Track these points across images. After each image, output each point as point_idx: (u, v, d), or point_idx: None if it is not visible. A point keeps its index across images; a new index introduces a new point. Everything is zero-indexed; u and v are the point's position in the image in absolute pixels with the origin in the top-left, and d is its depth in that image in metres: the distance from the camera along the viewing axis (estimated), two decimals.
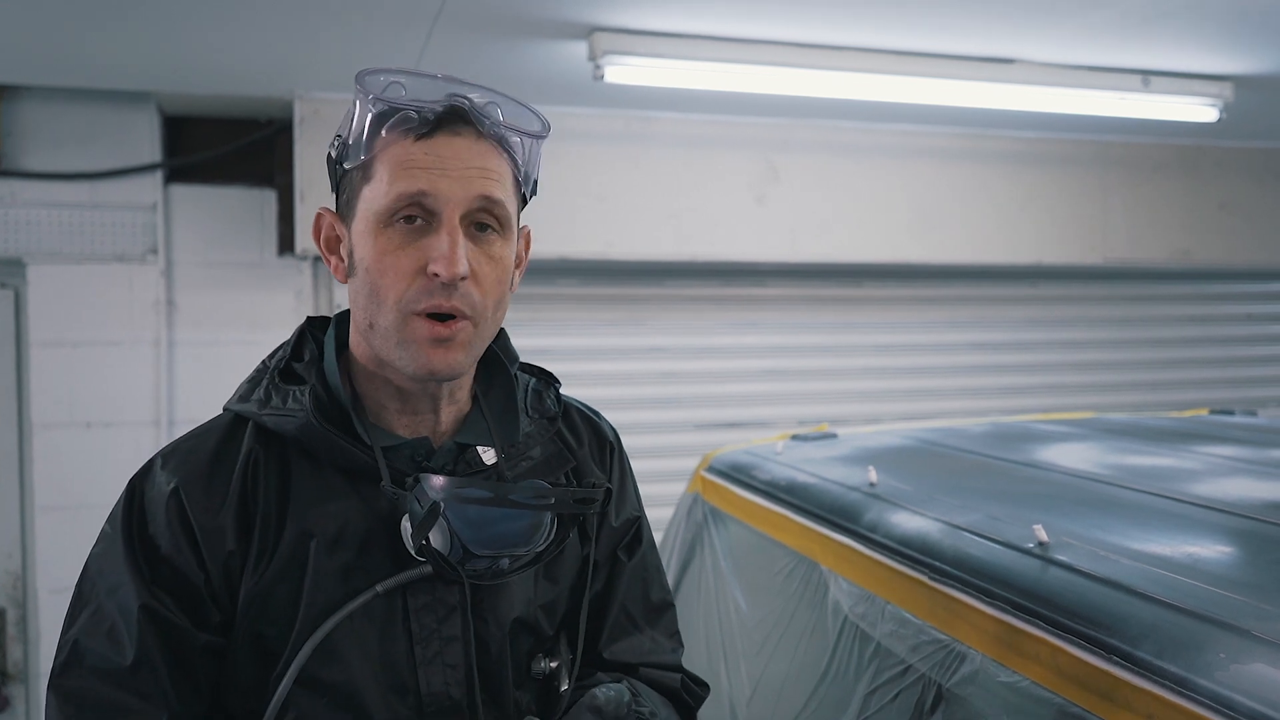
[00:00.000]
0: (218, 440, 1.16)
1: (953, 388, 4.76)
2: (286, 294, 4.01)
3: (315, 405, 1.14)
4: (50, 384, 3.78)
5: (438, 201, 1.09)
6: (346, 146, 1.14)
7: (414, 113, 1.09)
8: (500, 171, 1.13)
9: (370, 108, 1.10)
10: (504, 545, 1.16)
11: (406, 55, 3.28)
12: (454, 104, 1.10)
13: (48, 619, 3.76)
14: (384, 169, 1.10)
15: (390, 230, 1.11)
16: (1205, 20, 3.09)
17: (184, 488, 1.12)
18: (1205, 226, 4.85)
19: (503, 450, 1.23)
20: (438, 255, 1.08)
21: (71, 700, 1.10)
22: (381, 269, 1.10)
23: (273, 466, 1.15)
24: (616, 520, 1.35)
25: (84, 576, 1.15)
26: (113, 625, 1.10)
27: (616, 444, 1.39)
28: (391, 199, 1.09)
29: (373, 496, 1.15)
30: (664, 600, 1.40)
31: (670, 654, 1.37)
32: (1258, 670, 1.07)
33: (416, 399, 1.19)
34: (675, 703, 1.35)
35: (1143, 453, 2.17)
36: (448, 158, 1.09)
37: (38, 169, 3.77)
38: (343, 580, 1.13)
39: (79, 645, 1.11)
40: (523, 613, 1.22)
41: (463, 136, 1.11)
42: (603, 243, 4.06)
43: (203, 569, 1.11)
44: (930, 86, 3.51)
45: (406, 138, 1.09)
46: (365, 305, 1.13)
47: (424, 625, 1.15)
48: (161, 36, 3.09)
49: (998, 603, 1.41)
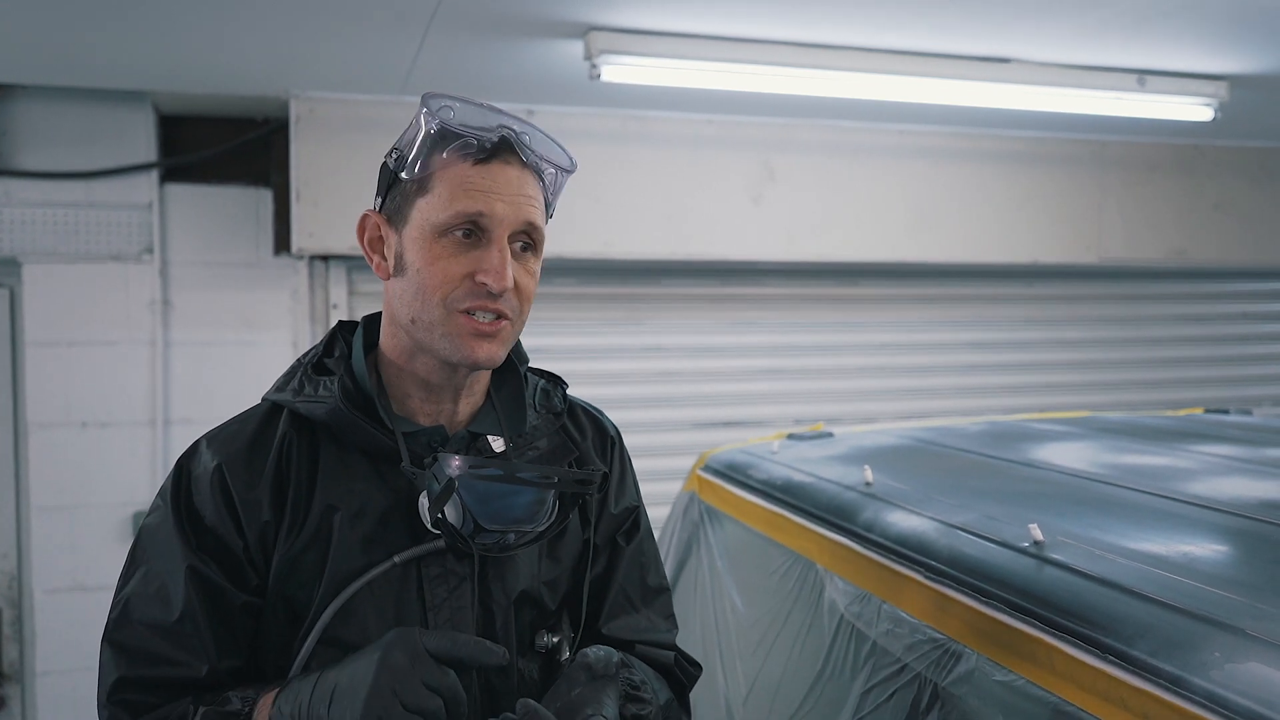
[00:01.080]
0: (257, 425, 1.30)
1: (949, 387, 4.77)
2: (282, 294, 4.01)
3: (343, 393, 1.27)
4: (46, 384, 3.78)
5: (491, 221, 1.23)
6: (405, 160, 1.26)
7: (474, 140, 1.22)
8: (539, 199, 1.28)
9: (433, 129, 1.23)
10: (511, 521, 1.27)
11: (402, 54, 3.28)
12: (506, 134, 1.24)
13: (44, 619, 3.75)
14: (443, 186, 1.23)
15: (445, 240, 1.23)
16: (1201, 20, 3.10)
17: (226, 465, 1.25)
18: (1201, 226, 4.86)
19: (510, 440, 1.36)
20: (489, 268, 1.22)
21: (123, 651, 1.22)
22: (432, 272, 1.23)
23: (304, 448, 1.28)
24: (616, 508, 1.46)
25: (137, 542, 1.28)
26: (161, 585, 1.23)
27: (617, 439, 1.52)
28: (450, 214, 1.22)
29: (393, 477, 1.28)
30: (660, 585, 1.50)
31: (665, 633, 1.47)
32: (1252, 669, 1.07)
33: (440, 390, 1.32)
34: (668, 678, 1.45)
35: (1138, 452, 2.17)
36: (501, 183, 1.23)
37: (33, 168, 3.76)
38: (363, 551, 1.25)
39: (130, 602, 1.24)
40: (528, 586, 1.33)
41: (512, 166, 1.25)
42: (600, 242, 4.06)
43: (242, 537, 1.24)
44: (926, 86, 3.51)
45: (466, 161, 1.23)
46: (411, 301, 1.26)
47: (436, 594, 1.27)
48: (157, 35, 3.09)
49: (993, 602, 1.41)
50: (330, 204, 3.74)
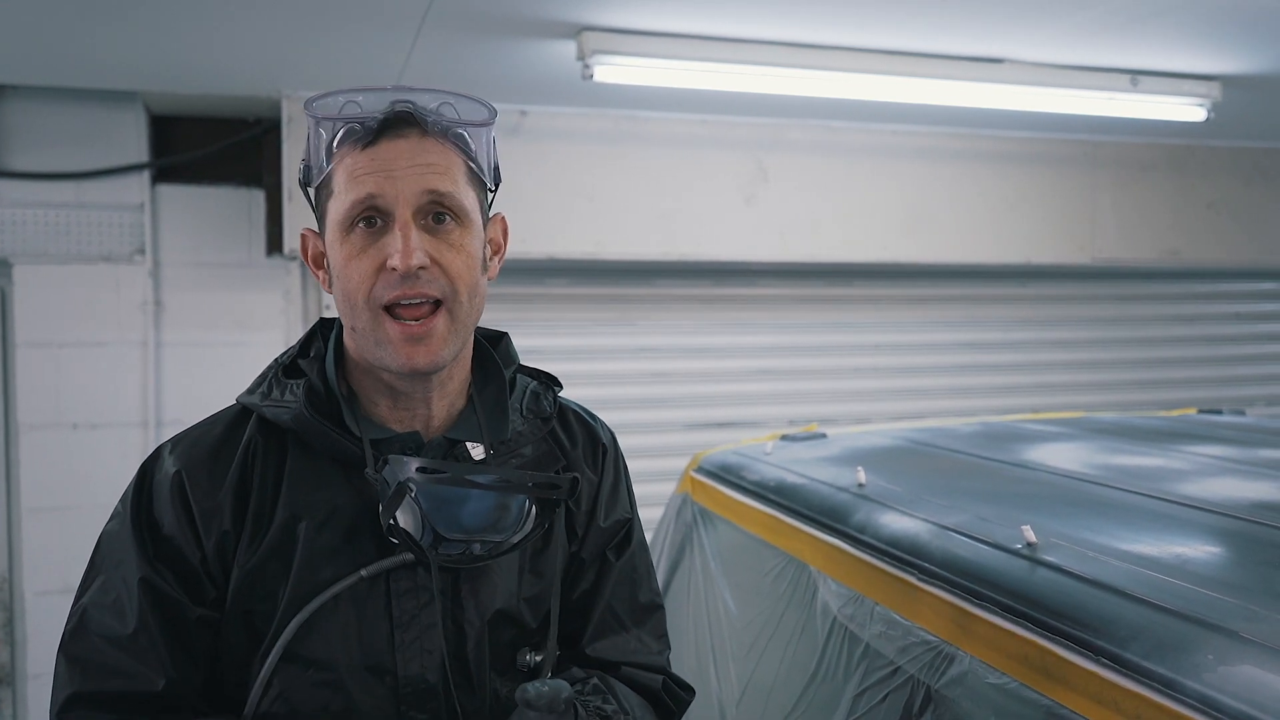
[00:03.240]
0: (224, 429, 1.25)
1: (942, 387, 4.77)
2: (274, 294, 4.00)
3: (308, 397, 1.22)
4: (37, 385, 3.76)
5: (387, 201, 1.16)
6: (309, 169, 1.22)
7: (357, 125, 1.17)
8: (446, 164, 1.19)
9: (320, 129, 1.19)
10: (473, 530, 1.20)
11: (394, 55, 3.27)
12: (395, 110, 1.17)
13: (35, 621, 3.74)
14: (339, 181, 1.18)
15: (352, 235, 1.18)
16: (1193, 20, 3.10)
17: (187, 471, 1.20)
18: (1193, 226, 4.87)
19: (491, 447, 1.27)
20: (392, 250, 1.15)
21: (77, 663, 1.17)
22: (348, 272, 1.17)
23: (271, 454, 1.23)
24: (606, 521, 1.38)
25: (96, 549, 1.23)
26: (117, 596, 1.18)
27: (610, 446, 1.43)
28: (347, 206, 1.17)
29: (363, 486, 1.22)
30: (652, 602, 1.42)
31: (655, 655, 1.39)
32: (1245, 672, 1.07)
33: (407, 395, 1.25)
34: (655, 704, 1.37)
35: (1131, 453, 2.17)
36: (391, 160, 1.16)
37: (23, 168, 3.74)
38: (329, 563, 1.19)
39: (87, 613, 1.19)
40: (505, 604, 1.26)
41: (406, 138, 1.17)
42: (592, 243, 4.05)
43: (199, 548, 1.19)
44: (919, 86, 3.51)
45: (355, 149, 1.17)
46: (344, 310, 1.21)
47: (404, 610, 1.21)
48: (148, 35, 3.07)
49: (986, 604, 1.41)
50: None
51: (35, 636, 3.74)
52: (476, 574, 1.24)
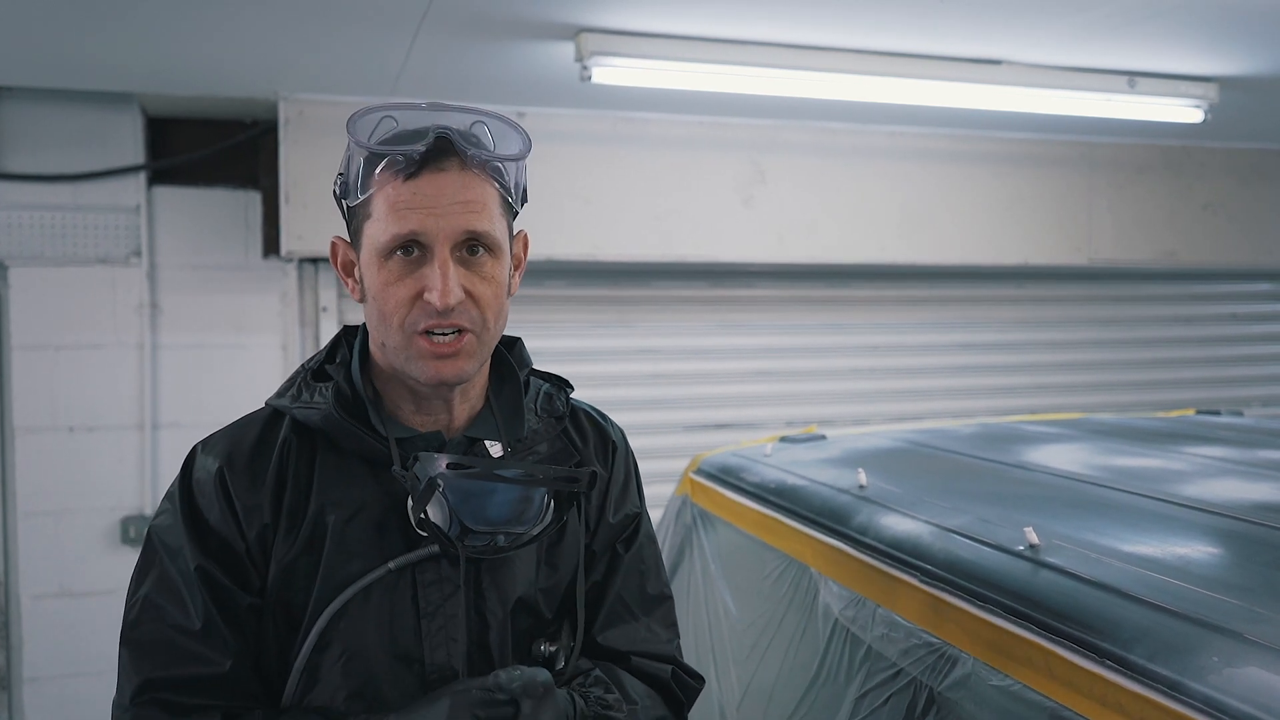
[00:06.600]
0: (259, 430, 1.31)
1: (940, 388, 4.77)
2: (271, 296, 3.99)
3: (336, 399, 1.28)
4: (32, 388, 3.75)
5: (428, 238, 1.21)
6: (346, 185, 1.26)
7: (400, 156, 1.20)
8: (484, 200, 1.24)
9: (361, 152, 1.23)
10: (498, 522, 1.26)
11: (392, 56, 3.26)
12: (437, 140, 1.20)
13: (31, 625, 3.73)
14: (379, 208, 1.22)
15: (391, 262, 1.23)
16: (1190, 22, 3.10)
17: (228, 468, 1.27)
18: (1190, 227, 4.88)
19: (509, 445, 1.35)
20: (432, 286, 1.21)
21: (145, 651, 1.23)
22: (385, 297, 1.24)
23: (304, 454, 1.30)
24: (615, 516, 1.45)
25: (148, 544, 1.29)
26: (177, 585, 1.24)
27: (621, 444, 1.50)
28: (388, 238, 1.22)
29: (390, 483, 1.28)
30: (660, 593, 1.48)
31: (664, 644, 1.45)
32: (1250, 674, 1.06)
33: (429, 400, 1.32)
34: (664, 693, 1.41)
35: (1131, 454, 2.17)
36: (434, 195, 1.21)
37: (19, 170, 3.73)
38: (358, 556, 1.26)
39: (149, 601, 1.25)
40: (524, 593, 1.32)
41: (447, 172, 1.21)
42: (590, 244, 4.05)
43: (243, 538, 1.25)
44: (917, 88, 3.51)
45: (397, 178, 1.21)
46: (377, 327, 1.28)
47: (430, 600, 1.27)
48: (145, 37, 3.07)
49: (989, 606, 1.40)
50: (319, 206, 3.72)
51: (32, 640, 3.73)
52: (498, 565, 1.30)
